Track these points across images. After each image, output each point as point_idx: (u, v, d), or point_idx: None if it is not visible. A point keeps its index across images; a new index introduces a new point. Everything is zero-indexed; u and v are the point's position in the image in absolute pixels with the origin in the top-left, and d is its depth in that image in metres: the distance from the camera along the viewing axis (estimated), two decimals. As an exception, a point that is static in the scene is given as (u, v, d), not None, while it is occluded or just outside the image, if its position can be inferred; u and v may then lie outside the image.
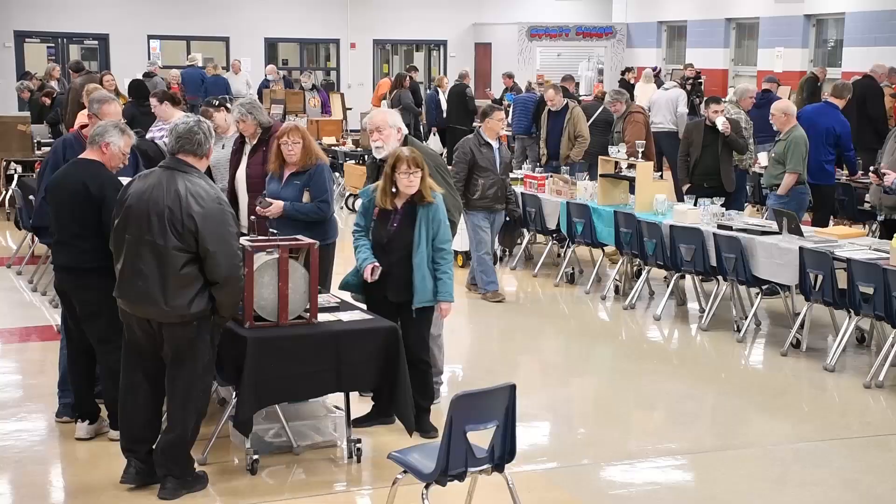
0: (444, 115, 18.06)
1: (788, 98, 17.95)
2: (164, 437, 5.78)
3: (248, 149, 8.03)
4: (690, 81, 20.56)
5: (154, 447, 5.82)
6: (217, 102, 8.52)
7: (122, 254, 5.67)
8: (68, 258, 6.19)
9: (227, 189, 8.15)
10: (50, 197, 6.31)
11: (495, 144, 10.00)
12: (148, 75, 18.56)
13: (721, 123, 10.77)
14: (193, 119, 5.90)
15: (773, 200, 10.34)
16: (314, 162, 7.31)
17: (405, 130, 7.22)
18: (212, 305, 5.64)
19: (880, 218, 10.47)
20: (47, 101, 16.04)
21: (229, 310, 5.73)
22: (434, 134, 18.08)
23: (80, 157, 6.34)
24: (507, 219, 10.39)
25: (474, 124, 13.93)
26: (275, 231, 7.11)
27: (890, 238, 8.74)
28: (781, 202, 10.04)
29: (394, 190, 6.51)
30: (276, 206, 7.21)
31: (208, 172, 8.49)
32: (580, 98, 16.91)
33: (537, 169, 12.65)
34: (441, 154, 18.21)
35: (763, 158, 12.10)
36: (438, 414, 6.85)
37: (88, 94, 8.46)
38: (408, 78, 18.92)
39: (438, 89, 18.41)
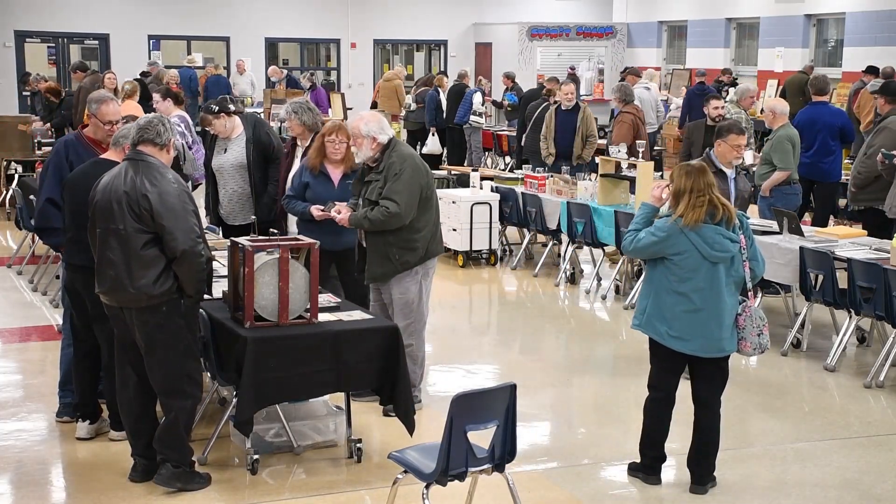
0: (444, 114, 18.04)
1: (777, 95, 18.05)
2: (160, 424, 5.85)
3: (299, 151, 8.01)
4: (726, 87, 19.91)
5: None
6: (217, 108, 8.36)
7: (96, 248, 5.78)
8: (85, 258, 6.17)
9: (279, 192, 8.11)
10: (68, 196, 6.31)
11: (730, 173, 8.04)
12: (145, 74, 18.52)
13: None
14: (156, 115, 6.04)
15: (760, 201, 10.36)
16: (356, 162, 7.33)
17: (383, 139, 6.84)
18: (179, 285, 5.69)
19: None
20: (55, 100, 15.95)
21: (193, 287, 5.75)
22: (433, 134, 18.08)
23: (102, 157, 6.38)
24: None
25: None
26: (275, 231, 7.12)
27: (890, 238, 8.74)
28: (767, 202, 10.06)
29: None
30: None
31: (211, 175, 8.56)
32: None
33: (537, 169, 12.63)
34: (440, 154, 18.24)
35: (748, 157, 12.10)
36: (439, 413, 6.86)
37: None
38: (433, 80, 19.08)
39: (439, 89, 18.39)
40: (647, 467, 6.15)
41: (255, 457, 6.10)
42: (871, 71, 16.65)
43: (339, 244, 7.34)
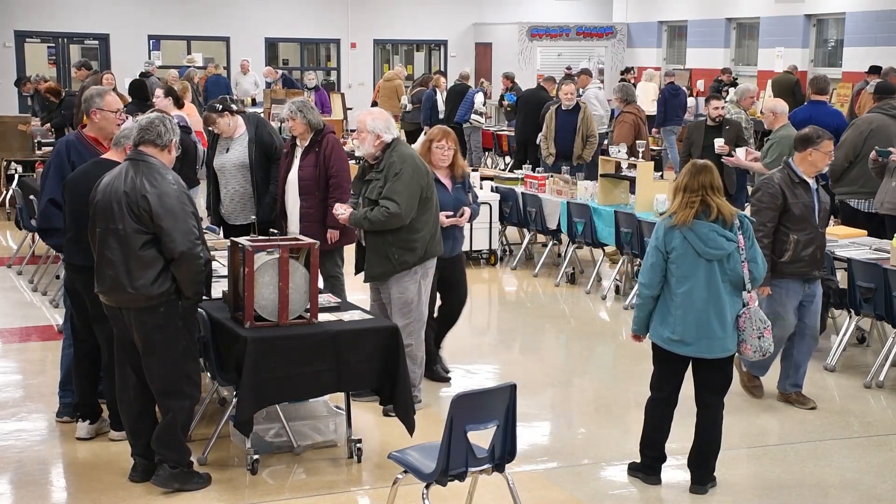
0: (440, 114, 18.03)
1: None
2: (159, 424, 5.86)
3: (299, 151, 7.96)
4: (726, 87, 19.95)
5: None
6: (220, 107, 8.38)
7: (96, 248, 5.80)
8: (85, 257, 6.17)
9: (278, 193, 8.10)
10: (69, 196, 6.32)
11: (813, 184, 7.21)
12: (144, 75, 18.52)
13: (718, 147, 10.76)
14: (157, 115, 6.03)
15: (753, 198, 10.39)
16: (467, 169, 7.73)
17: (386, 138, 6.87)
18: (177, 286, 5.70)
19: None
20: (54, 100, 15.90)
21: (192, 288, 5.76)
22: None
23: (103, 157, 6.38)
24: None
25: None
26: (275, 231, 7.11)
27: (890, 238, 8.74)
28: None
29: None
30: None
31: (212, 175, 8.55)
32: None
33: (537, 170, 12.63)
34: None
35: (741, 153, 12.09)
36: (439, 413, 6.86)
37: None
38: (431, 79, 19.07)
39: (436, 89, 18.39)
40: (647, 467, 6.15)
41: (255, 457, 6.10)
42: (874, 71, 16.63)
43: (455, 250, 7.69)
